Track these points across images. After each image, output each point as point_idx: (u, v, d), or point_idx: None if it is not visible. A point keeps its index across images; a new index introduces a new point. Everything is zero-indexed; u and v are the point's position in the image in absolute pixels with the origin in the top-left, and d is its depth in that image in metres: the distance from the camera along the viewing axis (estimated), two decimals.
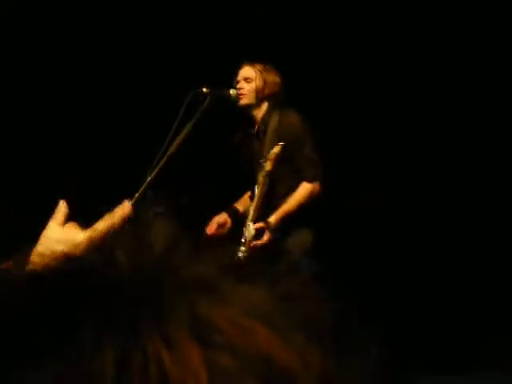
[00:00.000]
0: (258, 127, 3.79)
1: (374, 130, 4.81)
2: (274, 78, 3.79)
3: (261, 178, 3.53)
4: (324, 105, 4.86)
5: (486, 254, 4.55)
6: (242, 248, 3.53)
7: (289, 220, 3.61)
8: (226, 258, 0.45)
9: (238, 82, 3.75)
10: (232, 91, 3.68)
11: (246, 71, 3.77)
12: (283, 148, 3.47)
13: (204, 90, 3.50)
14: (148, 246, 0.44)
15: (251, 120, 3.81)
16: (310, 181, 3.68)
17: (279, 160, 3.48)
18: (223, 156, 4.08)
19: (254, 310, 0.40)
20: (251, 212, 3.59)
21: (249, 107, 3.76)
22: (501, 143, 4.60)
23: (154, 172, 3.24)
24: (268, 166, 3.47)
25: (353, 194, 4.84)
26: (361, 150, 4.86)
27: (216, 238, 3.50)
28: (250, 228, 3.55)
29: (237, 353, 0.38)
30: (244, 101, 3.72)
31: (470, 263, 4.57)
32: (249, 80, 3.74)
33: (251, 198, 3.72)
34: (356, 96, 4.83)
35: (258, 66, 3.77)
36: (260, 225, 3.54)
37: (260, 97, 3.74)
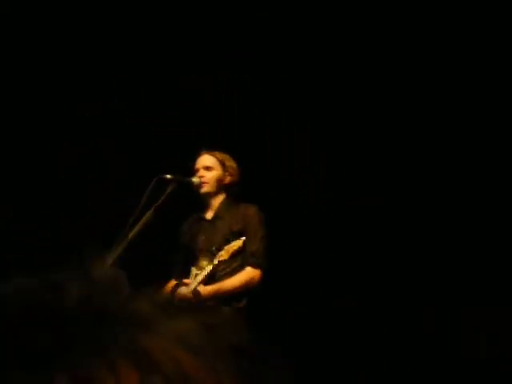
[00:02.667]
0: (214, 214, 3.82)
1: (374, 130, 4.81)
2: (233, 167, 3.86)
3: (209, 265, 3.55)
4: (324, 105, 4.85)
5: (486, 254, 4.54)
6: None
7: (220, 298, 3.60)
8: (161, 296, 0.53)
9: (197, 170, 3.81)
10: (195, 179, 3.75)
11: (207, 160, 3.83)
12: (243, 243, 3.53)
13: (168, 176, 3.60)
14: (95, 284, 0.51)
15: (207, 207, 3.86)
16: (253, 267, 3.68)
17: (235, 253, 3.53)
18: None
19: (182, 340, 0.49)
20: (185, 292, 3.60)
21: (208, 195, 3.82)
22: (501, 143, 4.59)
23: (114, 256, 3.30)
24: (223, 256, 3.50)
25: (353, 193, 4.83)
26: (361, 150, 4.85)
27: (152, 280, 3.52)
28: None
29: (167, 377, 0.47)
30: (205, 189, 3.78)
31: (469, 263, 4.56)
32: (209, 168, 3.80)
33: (179, 279, 3.72)
34: (356, 96, 4.83)
35: (218, 155, 3.84)
36: (188, 294, 3.55)
37: (220, 185, 3.81)
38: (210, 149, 3.88)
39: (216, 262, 3.51)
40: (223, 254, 3.50)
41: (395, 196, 4.75)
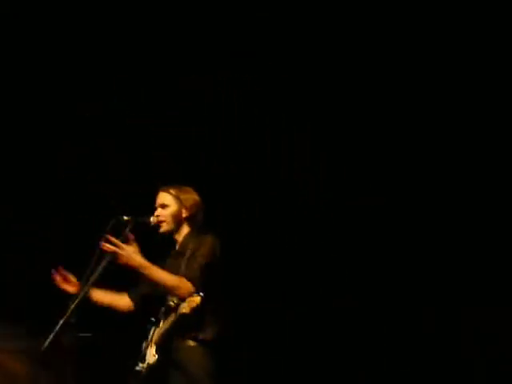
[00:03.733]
0: (177, 251, 3.79)
1: (374, 130, 4.81)
2: (191, 198, 3.80)
3: (172, 316, 3.51)
4: (324, 105, 4.85)
5: (486, 254, 4.54)
6: (141, 365, 3.58)
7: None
8: None
9: (155, 209, 3.78)
10: (152, 218, 3.72)
11: (162, 197, 3.79)
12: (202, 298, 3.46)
13: (125, 217, 3.58)
14: None
15: (175, 243, 3.82)
16: (188, 280, 3.56)
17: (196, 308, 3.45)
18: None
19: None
20: (155, 336, 3.60)
21: (170, 232, 3.78)
22: (501, 143, 4.59)
23: (77, 300, 3.37)
24: (186, 309, 3.44)
25: (353, 193, 4.83)
26: (360, 150, 4.85)
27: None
28: (152, 352, 3.58)
29: None
30: (163, 228, 3.75)
31: (470, 263, 4.57)
32: (165, 206, 3.76)
33: (151, 322, 3.69)
34: (356, 96, 4.83)
35: (173, 190, 3.79)
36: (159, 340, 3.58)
37: (178, 221, 3.76)
38: (166, 185, 3.83)
39: (179, 314, 3.47)
40: (185, 307, 3.44)
41: (395, 196, 4.75)
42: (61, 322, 3.26)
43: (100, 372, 4.03)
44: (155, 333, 3.64)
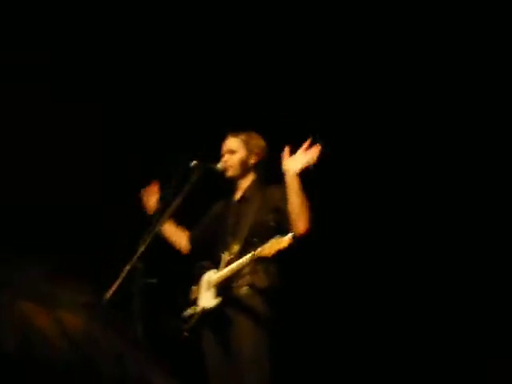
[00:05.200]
0: (242, 196, 3.79)
1: (374, 130, 4.81)
2: (258, 145, 3.81)
3: (248, 255, 3.41)
4: (324, 106, 4.86)
5: (486, 254, 4.55)
6: (193, 308, 3.57)
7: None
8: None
9: (223, 155, 3.80)
10: (220, 165, 3.75)
11: (231, 143, 3.81)
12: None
13: (193, 163, 3.60)
14: None
15: (236, 190, 3.83)
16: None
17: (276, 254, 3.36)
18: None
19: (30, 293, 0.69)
20: (215, 279, 3.58)
21: (235, 178, 3.80)
22: (501, 143, 4.59)
23: (145, 245, 3.32)
24: (265, 252, 3.31)
25: (353, 193, 4.84)
26: (360, 150, 4.85)
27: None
28: (212, 295, 3.55)
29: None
30: (230, 173, 3.76)
31: (470, 263, 4.57)
32: (233, 152, 3.78)
33: (215, 263, 3.68)
34: (356, 97, 4.83)
35: (243, 136, 3.80)
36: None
37: (246, 167, 3.78)
38: (236, 130, 3.84)
39: (256, 254, 3.34)
40: (266, 249, 3.31)
41: (395, 196, 4.76)
42: (127, 267, 3.21)
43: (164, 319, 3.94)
44: (215, 276, 3.58)
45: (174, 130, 4.90)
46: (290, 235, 3.29)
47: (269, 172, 3.81)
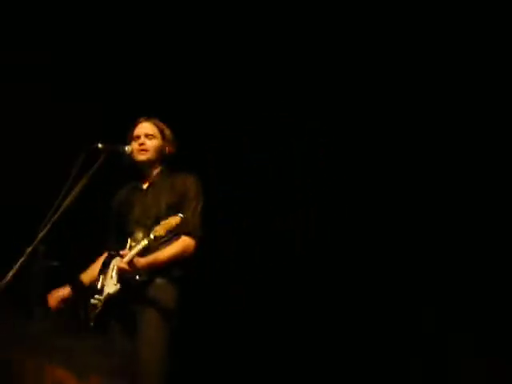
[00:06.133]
0: (150, 184, 3.76)
1: (374, 130, 4.81)
2: (172, 136, 3.81)
3: (145, 240, 3.44)
4: (323, 107, 4.86)
5: (486, 255, 4.55)
6: (98, 297, 3.51)
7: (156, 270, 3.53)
8: None
9: (137, 137, 3.75)
10: (127, 148, 3.66)
11: (148, 127, 3.78)
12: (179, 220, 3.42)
13: (99, 145, 3.49)
14: None
15: (143, 177, 3.79)
16: (188, 236, 3.59)
17: (171, 230, 3.43)
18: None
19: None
20: (117, 265, 3.52)
21: (146, 164, 3.76)
22: (500, 144, 4.59)
23: (47, 227, 3.23)
24: (158, 231, 3.38)
25: (353, 193, 4.84)
26: (361, 150, 4.86)
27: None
28: (113, 281, 3.51)
29: None
30: (146, 156, 3.72)
31: (470, 263, 4.57)
32: (150, 137, 3.75)
33: (113, 248, 3.65)
34: (356, 97, 4.83)
35: (158, 123, 3.80)
36: (124, 266, 3.47)
37: (159, 155, 3.76)
38: (149, 116, 3.82)
39: (152, 237, 3.39)
40: (158, 230, 3.37)
41: (395, 196, 4.76)
42: (28, 250, 3.13)
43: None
44: (116, 263, 3.55)
45: (174, 130, 4.90)
46: (180, 215, 3.38)
47: (175, 163, 3.81)
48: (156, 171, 3.78)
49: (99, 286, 3.57)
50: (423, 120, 4.70)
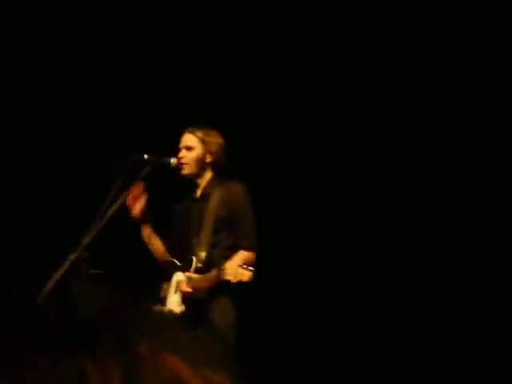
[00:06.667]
0: (201, 194, 3.74)
1: (374, 130, 4.81)
2: (216, 143, 3.73)
3: (212, 274, 3.45)
4: (323, 107, 4.85)
5: (486, 255, 4.55)
6: (160, 307, 3.54)
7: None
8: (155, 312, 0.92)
9: (180, 150, 3.72)
10: (173, 160, 3.65)
11: (188, 139, 3.73)
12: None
13: (145, 156, 3.51)
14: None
15: (196, 187, 3.77)
16: (246, 250, 3.57)
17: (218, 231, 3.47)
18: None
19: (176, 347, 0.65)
20: (182, 286, 3.54)
21: (193, 176, 3.73)
22: (500, 144, 4.59)
23: (92, 234, 3.25)
24: (231, 278, 3.34)
25: (353, 192, 4.84)
26: (361, 150, 4.85)
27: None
28: (178, 300, 3.54)
29: (158, 373, 0.62)
30: (185, 171, 3.69)
31: (470, 264, 4.57)
32: (190, 148, 3.70)
33: (184, 266, 3.65)
34: (356, 97, 4.83)
35: (200, 133, 3.72)
36: (188, 290, 3.51)
37: (202, 165, 3.71)
38: (194, 126, 3.77)
39: (221, 278, 3.37)
40: (230, 276, 3.32)
41: (395, 196, 4.76)
42: (71, 257, 3.14)
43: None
44: (181, 281, 3.56)
45: (174, 129, 4.90)
46: (251, 268, 3.32)
47: (229, 168, 3.77)
48: (205, 181, 3.74)
49: (161, 294, 3.60)
50: (423, 120, 4.70)
